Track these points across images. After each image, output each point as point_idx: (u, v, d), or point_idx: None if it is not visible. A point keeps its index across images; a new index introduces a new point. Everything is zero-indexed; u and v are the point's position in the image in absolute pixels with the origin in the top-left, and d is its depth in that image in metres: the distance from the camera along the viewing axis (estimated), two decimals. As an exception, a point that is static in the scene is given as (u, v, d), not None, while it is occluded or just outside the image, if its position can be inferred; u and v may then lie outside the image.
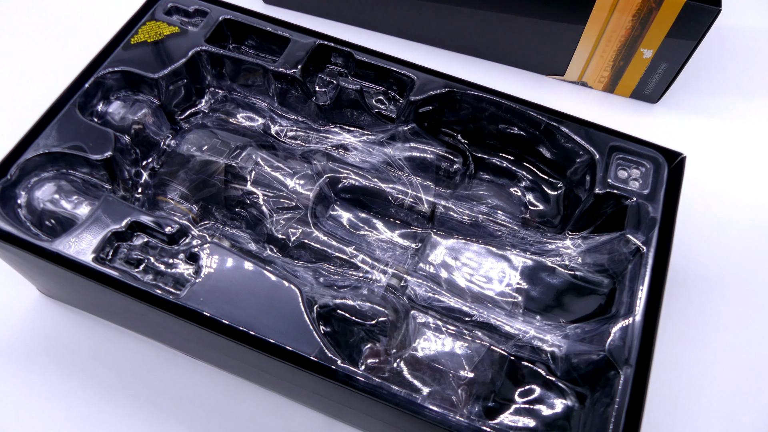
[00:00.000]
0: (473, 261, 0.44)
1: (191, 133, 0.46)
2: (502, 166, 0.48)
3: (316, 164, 0.46)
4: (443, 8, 0.58)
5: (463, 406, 0.38)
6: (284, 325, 0.36)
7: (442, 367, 0.40)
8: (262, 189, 0.44)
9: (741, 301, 0.49)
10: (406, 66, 0.46)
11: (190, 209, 0.44)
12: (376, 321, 0.39)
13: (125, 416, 0.44)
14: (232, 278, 0.37)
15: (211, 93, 0.50)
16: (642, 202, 0.40)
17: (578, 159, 0.44)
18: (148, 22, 0.47)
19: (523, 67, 0.62)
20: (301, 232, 0.44)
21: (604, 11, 0.53)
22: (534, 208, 0.47)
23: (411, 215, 0.46)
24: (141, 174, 0.45)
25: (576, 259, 0.43)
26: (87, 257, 0.37)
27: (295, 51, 0.47)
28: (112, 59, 0.45)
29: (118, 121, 0.45)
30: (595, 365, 0.36)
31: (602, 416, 0.34)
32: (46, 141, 0.41)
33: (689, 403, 0.45)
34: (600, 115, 0.49)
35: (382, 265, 0.43)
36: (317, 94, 0.48)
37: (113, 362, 0.46)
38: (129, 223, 0.39)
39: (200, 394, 0.45)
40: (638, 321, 0.36)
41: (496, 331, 0.41)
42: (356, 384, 0.34)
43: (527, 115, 0.44)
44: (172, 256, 0.39)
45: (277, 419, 0.44)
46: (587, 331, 0.38)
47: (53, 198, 0.41)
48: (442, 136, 0.48)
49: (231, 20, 0.48)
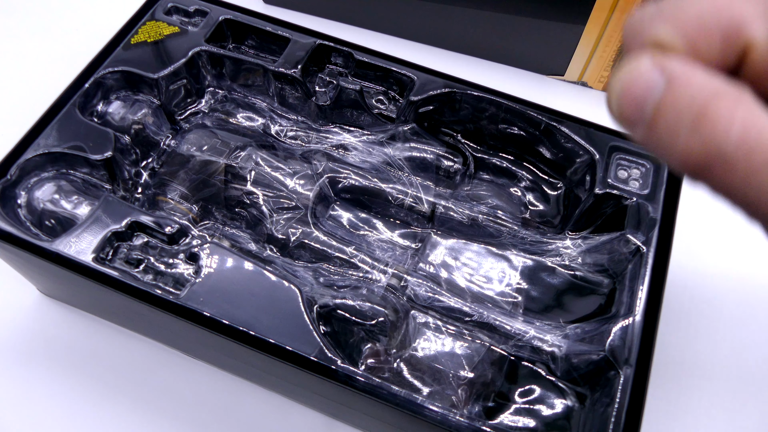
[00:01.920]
0: (473, 261, 0.44)
1: (191, 133, 0.46)
2: (502, 166, 0.48)
3: (316, 164, 0.46)
4: (443, 8, 0.58)
5: (463, 406, 0.38)
6: (284, 325, 0.36)
7: (442, 367, 0.40)
8: (262, 189, 0.44)
9: (741, 301, 0.49)
10: (406, 66, 0.46)
11: (190, 209, 0.44)
12: (376, 321, 0.39)
13: (125, 416, 0.44)
14: (232, 278, 0.37)
15: (211, 93, 0.50)
16: (642, 202, 0.40)
17: (578, 159, 0.44)
18: (148, 22, 0.47)
19: (523, 67, 0.62)
20: (301, 232, 0.44)
21: (604, 11, 0.53)
22: (534, 208, 0.47)
23: (411, 215, 0.46)
24: (141, 174, 0.45)
25: (576, 259, 0.43)
26: (87, 257, 0.37)
27: (295, 51, 0.47)
28: (112, 59, 0.45)
29: (118, 121, 0.45)
30: (595, 365, 0.36)
31: (602, 416, 0.34)
32: (46, 141, 0.41)
33: (689, 403, 0.45)
34: (600, 115, 0.49)
35: (382, 265, 0.43)
36: (317, 94, 0.48)
37: (113, 362, 0.46)
38: (129, 223, 0.39)
39: (200, 394, 0.45)
40: (638, 321, 0.36)
41: (496, 331, 0.41)
42: (356, 384, 0.34)
43: (527, 115, 0.44)
44: (172, 256, 0.39)
45: (277, 419, 0.44)
46: (587, 331, 0.38)
47: (53, 198, 0.41)
48: (442, 136, 0.48)
49: (231, 20, 0.48)
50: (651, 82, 0.15)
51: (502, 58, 0.62)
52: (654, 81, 0.15)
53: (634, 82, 0.16)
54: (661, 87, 0.15)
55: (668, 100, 0.15)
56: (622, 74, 0.16)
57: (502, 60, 0.62)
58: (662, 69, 0.15)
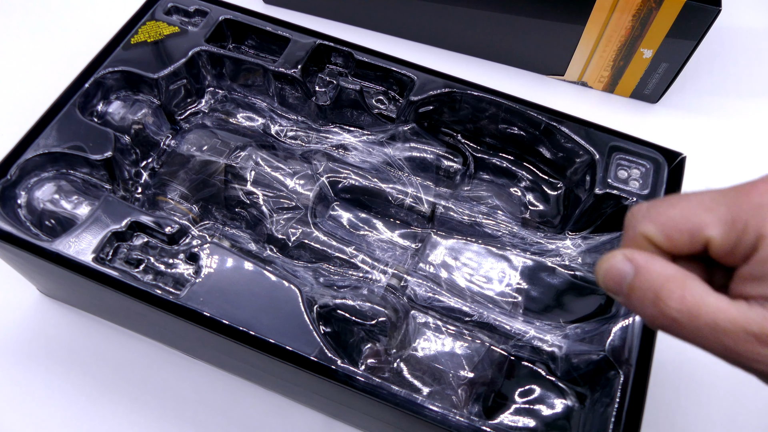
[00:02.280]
0: (473, 261, 0.44)
1: (191, 133, 0.46)
2: (502, 166, 0.48)
3: (316, 164, 0.46)
4: (443, 8, 0.58)
5: (463, 406, 0.38)
6: (284, 325, 0.35)
7: (442, 367, 0.40)
8: (262, 189, 0.44)
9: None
10: (406, 66, 0.46)
11: (190, 209, 0.44)
12: (376, 321, 0.39)
13: (125, 416, 0.44)
14: (232, 278, 0.37)
15: (211, 93, 0.50)
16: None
17: (578, 159, 0.44)
18: (148, 22, 0.47)
19: (523, 67, 0.62)
20: (301, 232, 0.44)
21: (604, 11, 0.53)
22: (534, 208, 0.47)
23: (411, 215, 0.46)
24: (141, 174, 0.45)
25: (576, 259, 0.43)
26: (87, 257, 0.37)
27: (295, 51, 0.47)
28: (112, 59, 0.45)
29: (118, 121, 0.45)
30: (595, 365, 0.36)
31: (602, 416, 0.34)
32: (46, 141, 0.41)
33: (689, 403, 0.45)
34: (600, 115, 0.49)
35: (382, 265, 0.43)
36: (317, 94, 0.48)
37: (113, 362, 0.46)
38: (129, 223, 0.39)
39: (200, 394, 0.45)
40: (638, 321, 0.36)
41: (496, 331, 0.41)
42: (356, 384, 0.34)
43: (527, 115, 0.44)
44: (172, 256, 0.39)
45: (277, 419, 0.44)
46: (587, 331, 0.38)
47: (53, 198, 0.41)
48: (442, 136, 0.48)
49: (231, 20, 0.48)
50: (623, 271, 0.23)
51: (502, 58, 0.62)
52: (626, 270, 0.23)
53: (612, 269, 0.24)
54: (631, 274, 0.23)
55: (636, 283, 0.23)
56: (604, 262, 0.24)
57: (502, 60, 0.62)
58: (631, 261, 0.23)
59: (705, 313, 0.21)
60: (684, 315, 0.21)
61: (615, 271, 0.23)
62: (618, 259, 0.23)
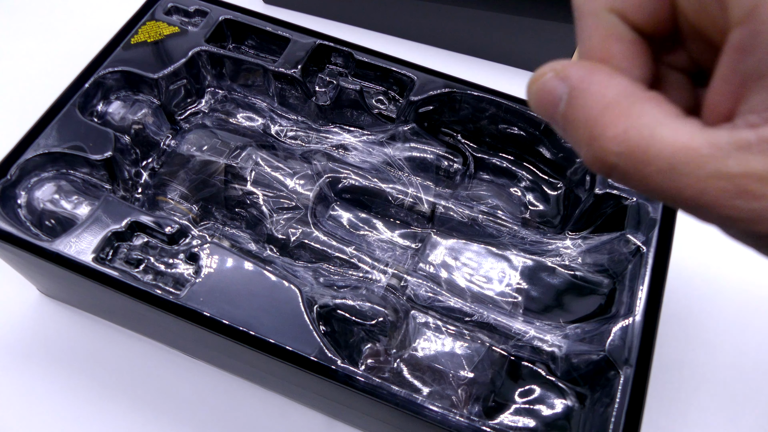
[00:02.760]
0: (473, 261, 0.44)
1: (191, 133, 0.46)
2: (502, 166, 0.48)
3: (316, 164, 0.46)
4: (443, 8, 0.58)
5: (463, 406, 0.38)
6: (284, 325, 0.35)
7: (442, 367, 0.40)
8: (262, 189, 0.44)
9: (741, 301, 0.49)
10: (406, 66, 0.46)
11: (190, 209, 0.44)
12: (376, 321, 0.39)
13: (125, 416, 0.44)
14: (232, 278, 0.37)
15: (211, 93, 0.50)
16: (642, 202, 0.40)
17: (578, 159, 0.44)
18: (148, 22, 0.47)
19: (523, 67, 0.62)
20: (301, 232, 0.44)
21: (604, 11, 0.53)
22: (534, 208, 0.47)
23: (411, 215, 0.46)
24: (141, 174, 0.45)
25: (576, 259, 0.43)
26: (87, 257, 0.37)
27: (295, 51, 0.47)
28: (112, 59, 0.45)
29: (118, 121, 0.45)
30: (595, 365, 0.36)
31: (602, 416, 0.34)
32: (46, 141, 0.41)
33: (689, 403, 0.45)
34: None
35: (382, 265, 0.43)
36: (317, 94, 0.48)
37: (113, 362, 0.46)
38: (129, 223, 0.39)
39: (200, 394, 0.45)
40: (638, 321, 0.36)
41: (496, 331, 0.41)
42: (356, 384, 0.34)
43: (527, 115, 0.44)
44: (172, 256, 0.39)
45: (277, 419, 0.44)
46: (587, 331, 0.38)
47: (53, 198, 0.41)
48: (442, 136, 0.48)
49: (231, 20, 0.48)
50: (555, 93, 0.16)
51: (502, 58, 0.62)
52: (558, 92, 0.16)
53: (542, 91, 0.17)
54: (565, 98, 0.16)
55: (568, 113, 0.16)
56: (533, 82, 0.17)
57: (502, 60, 0.62)
58: (564, 79, 0.16)
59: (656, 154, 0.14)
60: (625, 159, 0.15)
61: (545, 95, 0.16)
62: (548, 77, 0.16)
